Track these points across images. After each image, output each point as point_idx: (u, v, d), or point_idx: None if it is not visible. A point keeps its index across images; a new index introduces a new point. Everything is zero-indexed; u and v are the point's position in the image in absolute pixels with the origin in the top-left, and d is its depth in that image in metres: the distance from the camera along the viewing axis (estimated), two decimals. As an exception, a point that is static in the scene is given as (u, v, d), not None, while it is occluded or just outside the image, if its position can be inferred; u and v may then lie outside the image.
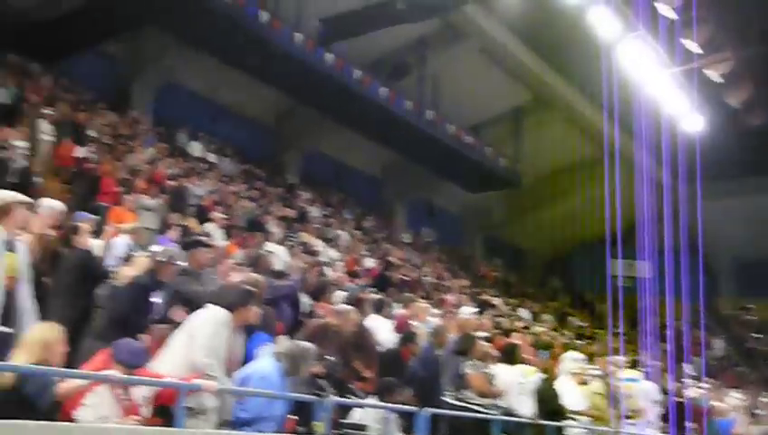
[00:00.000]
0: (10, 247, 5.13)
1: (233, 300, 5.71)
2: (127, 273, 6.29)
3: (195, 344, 5.43)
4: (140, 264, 6.39)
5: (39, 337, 4.69)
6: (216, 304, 5.67)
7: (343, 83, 21.04)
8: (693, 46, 22.72)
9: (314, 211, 20.62)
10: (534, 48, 25.25)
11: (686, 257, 15.51)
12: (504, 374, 8.62)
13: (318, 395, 5.81)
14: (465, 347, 8.03)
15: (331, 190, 25.20)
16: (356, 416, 6.62)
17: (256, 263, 8.53)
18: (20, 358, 4.56)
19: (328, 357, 7.04)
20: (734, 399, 16.29)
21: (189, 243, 7.17)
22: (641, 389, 12.08)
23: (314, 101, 22.52)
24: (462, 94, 24.86)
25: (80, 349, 5.75)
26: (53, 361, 4.64)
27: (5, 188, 9.74)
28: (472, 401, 7.46)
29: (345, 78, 21.06)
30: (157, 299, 6.46)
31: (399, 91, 22.95)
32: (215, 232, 12.66)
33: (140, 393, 5.08)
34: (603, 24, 17.64)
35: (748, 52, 26.21)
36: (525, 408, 8.69)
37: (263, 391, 5.51)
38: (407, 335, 8.89)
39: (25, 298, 5.17)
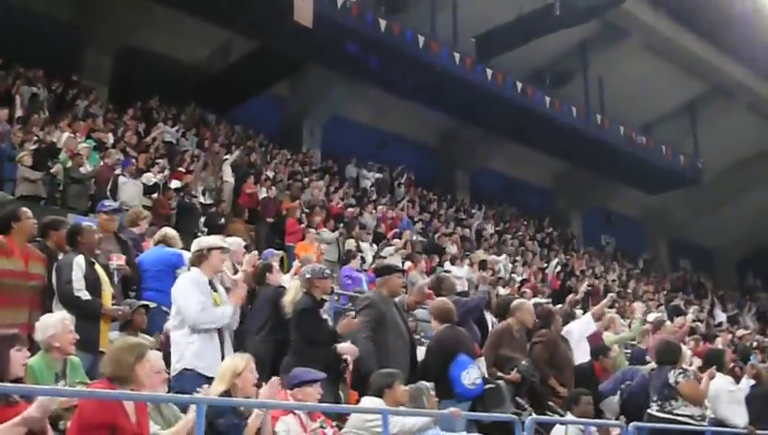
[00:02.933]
0: (213, 287, 5.52)
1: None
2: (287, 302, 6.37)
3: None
4: (291, 288, 6.45)
5: (231, 367, 4.92)
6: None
7: (506, 97, 20.83)
8: None
9: (489, 228, 20.51)
10: (702, 35, 23.94)
11: None
12: (711, 382, 8.09)
13: (517, 414, 5.69)
14: (670, 356, 7.61)
15: (504, 206, 24.99)
16: (556, 433, 6.45)
17: (440, 285, 8.51)
18: (215, 389, 4.82)
19: (525, 363, 6.92)
20: None
21: (382, 269, 7.20)
22: None
23: (478, 118, 22.46)
24: (630, 94, 23.94)
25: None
26: (246, 390, 4.86)
27: (194, 232, 10.41)
28: (679, 413, 7.04)
29: (507, 91, 20.85)
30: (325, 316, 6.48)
31: (564, 98, 22.44)
32: (394, 257, 12.84)
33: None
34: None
35: None
36: (738, 417, 8.13)
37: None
38: (599, 349, 8.58)
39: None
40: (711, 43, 24.11)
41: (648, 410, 7.39)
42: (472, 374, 6.17)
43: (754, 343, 17.65)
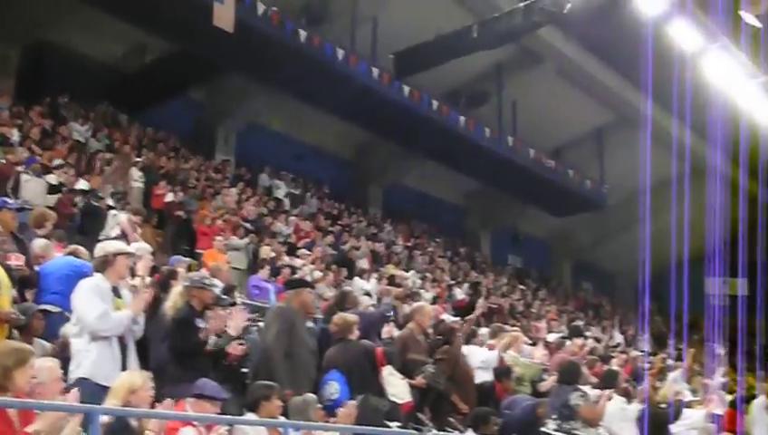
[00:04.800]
0: (116, 293, 5.40)
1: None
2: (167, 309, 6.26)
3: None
4: (172, 295, 6.34)
5: (127, 383, 4.81)
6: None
7: (422, 114, 21.11)
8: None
9: (399, 243, 20.67)
10: (613, 66, 24.83)
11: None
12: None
13: (417, 430, 5.76)
14: (570, 376, 7.85)
15: (415, 222, 25.22)
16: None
17: (343, 299, 8.55)
18: (108, 404, 4.67)
19: (430, 368, 7.02)
20: None
21: (294, 282, 7.20)
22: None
23: (394, 134, 22.67)
24: (542, 118, 24.62)
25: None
26: (140, 406, 4.72)
27: (99, 237, 10.16)
28: (576, 433, 7.26)
29: (423, 109, 21.14)
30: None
31: (478, 118, 22.90)
32: (304, 269, 12.80)
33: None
34: (684, 36, 17.27)
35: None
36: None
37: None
38: (502, 370, 8.78)
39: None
40: (620, 75, 25.01)
41: (545, 429, 7.59)
42: (328, 389, 6.29)
43: (647, 365, 18.30)
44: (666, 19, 17.31)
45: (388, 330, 8.94)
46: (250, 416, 5.35)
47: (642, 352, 20.74)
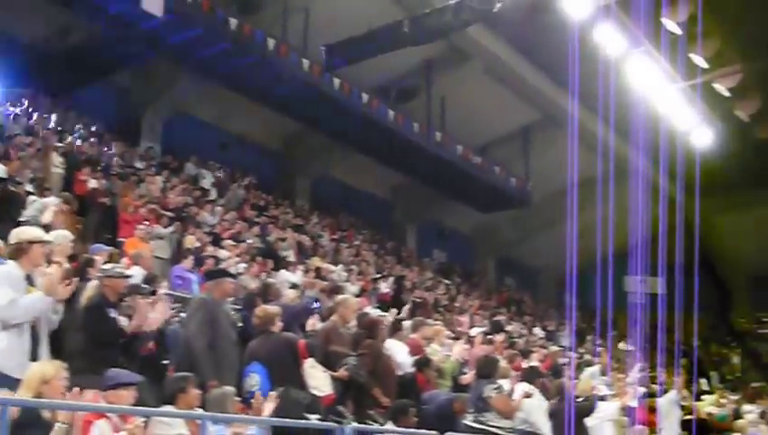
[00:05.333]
0: (30, 282, 5.24)
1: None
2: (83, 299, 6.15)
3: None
4: (89, 286, 6.25)
5: (39, 373, 4.71)
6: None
7: (351, 107, 21.15)
8: (699, 60, 22.77)
9: (325, 236, 20.64)
10: (540, 66, 25.30)
11: (698, 272, 15.45)
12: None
13: (338, 422, 5.79)
14: (488, 370, 8.00)
15: (342, 214, 25.23)
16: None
17: (266, 291, 8.53)
18: (20, 395, 4.57)
19: (352, 361, 7.05)
20: (754, 413, 16.14)
21: (214, 272, 7.14)
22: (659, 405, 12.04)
23: (323, 126, 22.64)
24: (469, 115, 24.92)
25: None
26: (53, 397, 4.62)
27: (18, 223, 9.86)
28: (491, 424, 7.41)
29: (353, 102, 21.17)
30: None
31: (407, 113, 23.04)
32: (229, 260, 12.67)
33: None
34: (608, 40, 17.71)
35: (756, 64, 26.23)
36: (545, 428, 8.64)
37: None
38: (422, 361, 8.87)
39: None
40: (546, 75, 25.50)
41: (464, 421, 7.73)
42: (249, 381, 6.28)
43: (566, 360, 18.75)
44: (592, 22, 17.72)
45: (313, 322, 8.96)
46: (168, 409, 5.29)
47: (562, 347, 21.26)
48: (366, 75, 21.71)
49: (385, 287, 17.52)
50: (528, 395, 8.22)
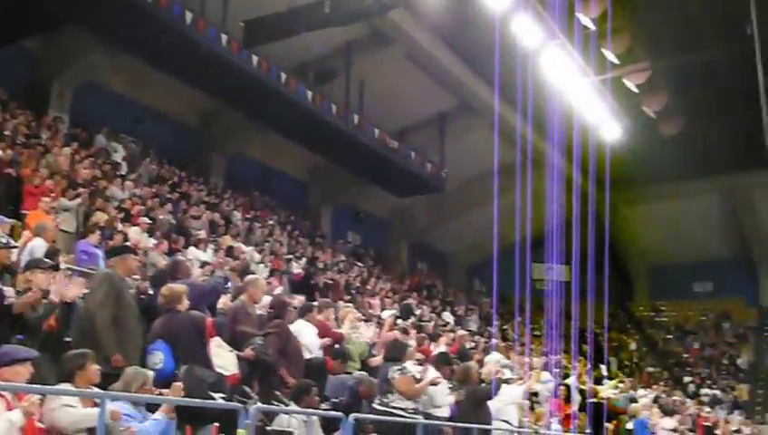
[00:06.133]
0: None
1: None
2: None
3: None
4: None
5: None
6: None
7: (269, 86, 20.91)
8: (610, 56, 23.44)
9: (239, 215, 20.45)
10: (459, 54, 25.58)
11: (604, 261, 16.00)
12: (429, 375, 8.72)
13: (242, 402, 5.79)
14: (396, 354, 8.13)
15: (257, 194, 25.01)
16: (283, 422, 6.63)
17: (175, 269, 8.42)
18: None
19: (258, 341, 7.05)
20: (647, 398, 16.85)
21: (118, 249, 7.01)
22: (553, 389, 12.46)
23: (240, 104, 22.33)
24: (388, 99, 25.00)
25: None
26: None
27: None
28: (394, 405, 7.54)
29: (271, 80, 20.94)
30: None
31: (326, 94, 22.95)
32: (138, 236, 12.44)
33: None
34: (526, 32, 18.03)
35: (664, 62, 27.17)
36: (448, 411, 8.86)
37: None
38: (336, 352, 8.98)
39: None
40: (465, 63, 25.81)
41: (372, 404, 7.85)
42: (152, 359, 6.24)
43: (473, 344, 19.16)
44: (511, 14, 18.01)
45: (224, 302, 8.90)
46: (65, 386, 5.19)
47: (469, 331, 21.70)
48: (285, 54, 21.52)
49: (297, 268, 17.50)
50: (435, 383, 8.38)
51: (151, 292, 7.86)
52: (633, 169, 27.62)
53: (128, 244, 9.01)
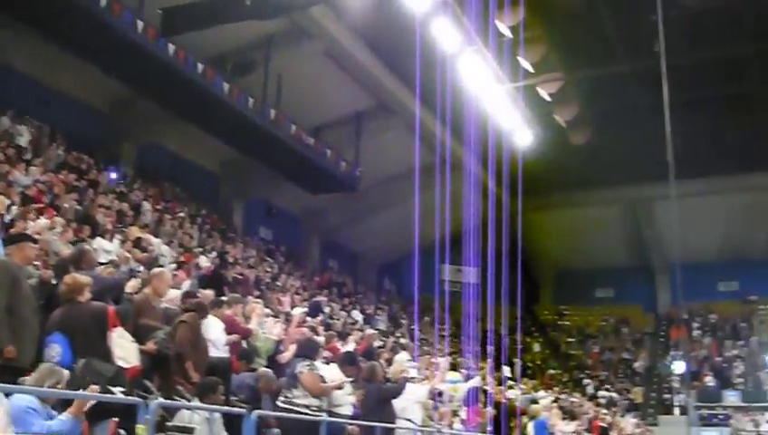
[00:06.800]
0: None
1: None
2: None
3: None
4: None
5: None
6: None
7: (185, 76, 20.53)
8: (526, 64, 23.98)
9: (148, 205, 20.02)
10: (378, 55, 25.70)
11: (512, 264, 16.36)
12: (334, 376, 8.76)
13: (143, 397, 5.68)
14: (308, 352, 8.12)
15: (168, 185, 24.52)
16: (184, 418, 6.54)
17: (81, 258, 8.19)
18: None
19: (161, 334, 6.92)
20: (547, 399, 17.32)
21: (15, 236, 6.76)
22: (462, 390, 12.67)
23: (153, 92, 21.83)
24: (306, 95, 24.92)
25: None
26: None
27: None
28: (297, 402, 7.53)
29: (187, 70, 20.57)
30: None
31: (243, 87, 22.69)
32: (41, 224, 12.03)
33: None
34: (444, 36, 18.25)
35: (577, 74, 27.98)
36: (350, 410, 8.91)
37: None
38: (243, 353, 8.92)
39: None
40: (384, 64, 25.95)
41: (276, 400, 7.83)
42: (49, 352, 6.14)
43: (381, 343, 19.30)
44: (431, 17, 18.20)
45: (132, 286, 8.71)
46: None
47: (378, 330, 21.83)
48: (203, 45, 21.18)
49: (206, 262, 17.26)
50: (340, 387, 8.39)
51: (54, 281, 7.63)
52: (542, 177, 28.31)
53: (27, 232, 8.70)
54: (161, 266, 13.74)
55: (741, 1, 25.14)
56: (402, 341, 24.39)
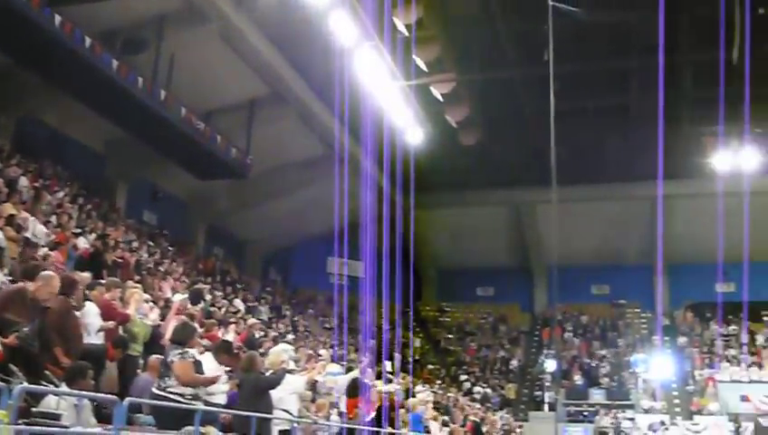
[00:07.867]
0: None
1: None
2: None
3: None
4: None
5: None
6: None
7: (70, 49, 19.68)
8: (420, 63, 24.31)
9: (24, 182, 19.14)
10: (275, 43, 25.43)
11: (397, 261, 16.59)
12: (211, 365, 8.67)
13: (5, 381, 5.45)
14: (183, 337, 7.96)
15: (47, 161, 23.48)
16: (51, 404, 6.31)
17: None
18: None
19: (23, 328, 6.63)
20: (422, 393, 17.66)
21: None
22: (341, 382, 12.79)
23: (36, 63, 20.84)
24: (198, 78, 24.41)
25: None
26: None
27: None
28: (172, 391, 7.40)
29: (73, 43, 19.74)
30: None
31: (132, 65, 21.98)
32: None
33: None
34: (342, 29, 18.29)
35: (469, 76, 28.57)
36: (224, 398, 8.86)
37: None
38: (117, 341, 8.70)
39: None
40: (281, 52, 25.72)
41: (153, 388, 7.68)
42: None
43: (263, 333, 19.21)
44: (329, 10, 18.20)
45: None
46: None
47: (260, 320, 21.70)
48: (93, 18, 20.43)
49: (84, 244, 16.67)
50: (213, 381, 8.27)
51: None
52: (431, 175, 28.79)
53: None
54: (36, 246, 13.25)
55: (630, 17, 26.26)
56: (284, 332, 24.32)
